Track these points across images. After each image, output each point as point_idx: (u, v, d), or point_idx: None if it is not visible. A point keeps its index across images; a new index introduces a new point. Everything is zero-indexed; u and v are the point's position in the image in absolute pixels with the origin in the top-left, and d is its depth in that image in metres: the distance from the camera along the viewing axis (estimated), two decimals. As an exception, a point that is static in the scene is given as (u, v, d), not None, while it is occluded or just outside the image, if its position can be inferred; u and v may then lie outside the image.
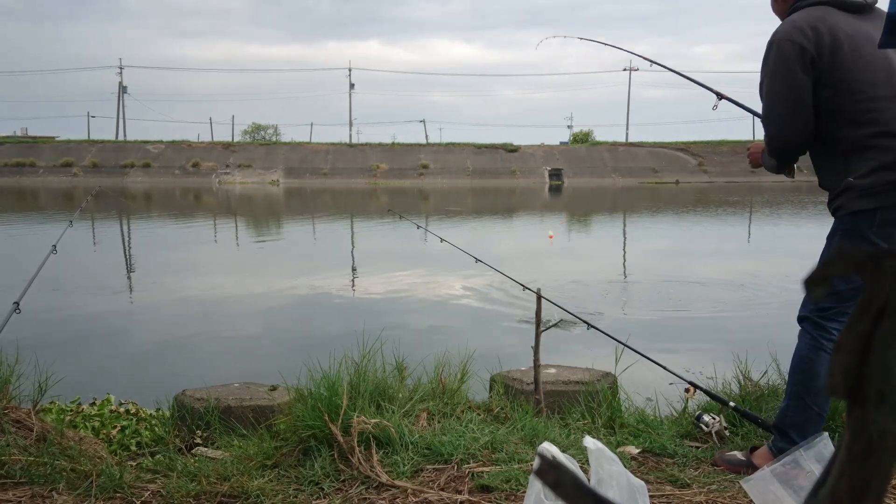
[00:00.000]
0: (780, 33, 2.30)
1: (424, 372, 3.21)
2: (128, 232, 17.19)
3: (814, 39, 2.22)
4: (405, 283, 8.93)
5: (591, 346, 5.35)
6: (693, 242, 14.90)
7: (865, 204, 2.18)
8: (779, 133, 2.33)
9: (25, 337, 4.66)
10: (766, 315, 6.85)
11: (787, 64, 2.26)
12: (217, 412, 2.98)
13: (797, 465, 1.96)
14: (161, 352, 5.85)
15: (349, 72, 73.61)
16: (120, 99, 67.77)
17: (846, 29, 2.23)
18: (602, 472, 1.62)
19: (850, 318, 0.32)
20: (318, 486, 2.30)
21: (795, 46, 2.24)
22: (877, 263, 0.31)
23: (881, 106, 2.19)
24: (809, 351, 2.34)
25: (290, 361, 4.86)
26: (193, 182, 46.73)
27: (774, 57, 2.29)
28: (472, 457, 2.47)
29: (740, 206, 25.06)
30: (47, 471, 2.30)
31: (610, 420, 2.98)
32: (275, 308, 7.65)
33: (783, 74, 2.27)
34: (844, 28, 2.23)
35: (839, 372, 0.33)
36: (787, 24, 2.31)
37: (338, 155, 53.14)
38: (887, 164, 2.15)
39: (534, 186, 45.75)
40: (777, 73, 2.28)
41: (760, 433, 2.72)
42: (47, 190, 38.98)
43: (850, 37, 2.22)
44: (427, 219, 19.57)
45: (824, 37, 2.22)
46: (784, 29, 2.30)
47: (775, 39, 2.30)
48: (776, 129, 2.33)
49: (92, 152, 51.52)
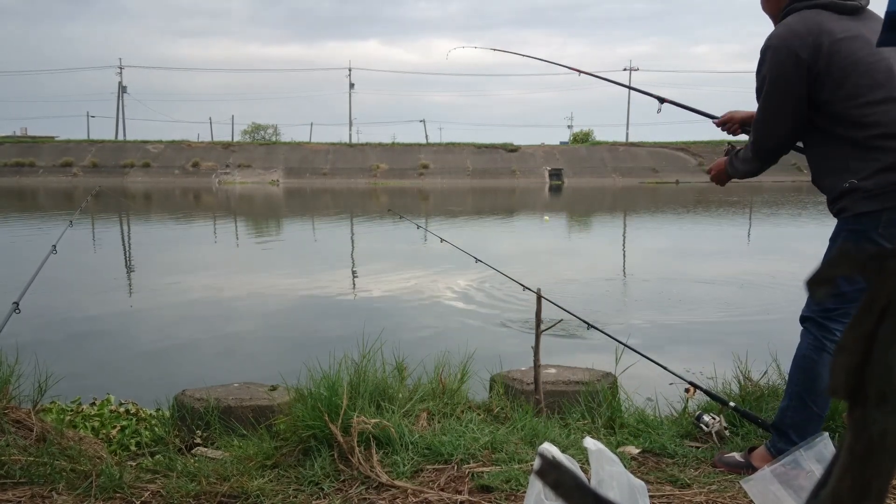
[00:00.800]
0: (775, 39, 2.29)
1: (424, 372, 3.21)
2: (128, 232, 17.20)
3: (811, 45, 2.21)
4: (405, 284, 8.93)
5: (591, 346, 5.36)
6: (693, 242, 14.91)
7: (870, 205, 2.18)
8: (768, 137, 2.38)
9: (25, 337, 4.66)
10: (767, 315, 6.85)
11: (783, 70, 2.26)
12: (217, 412, 2.98)
13: (797, 466, 1.96)
14: (161, 352, 5.85)
15: (349, 71, 73.76)
16: (119, 99, 67.86)
17: (842, 32, 2.22)
18: (602, 472, 1.62)
19: (852, 319, 0.32)
20: (318, 486, 2.30)
21: (791, 54, 2.23)
22: (879, 264, 0.31)
23: (882, 108, 2.19)
24: (812, 352, 2.34)
25: (290, 361, 4.87)
26: (193, 182, 46.73)
27: (770, 63, 2.29)
28: (472, 457, 2.47)
29: (740, 206, 25.06)
30: (47, 471, 2.30)
31: (610, 420, 2.97)
32: (275, 308, 7.65)
33: (778, 83, 2.28)
34: (840, 32, 2.22)
35: (841, 372, 0.32)
36: (783, 30, 2.29)
37: (338, 155, 53.16)
38: (890, 166, 2.15)
39: (534, 186, 45.76)
40: (772, 81, 2.29)
41: (760, 433, 2.72)
42: (47, 190, 38.98)
43: (847, 40, 2.21)
44: (427, 219, 19.58)
45: (821, 43, 2.21)
46: (780, 34, 2.29)
47: (771, 45, 2.29)
48: (766, 134, 2.37)
49: (91, 152, 51.53)
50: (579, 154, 54.61)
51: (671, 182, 47.65)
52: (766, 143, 2.40)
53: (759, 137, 2.41)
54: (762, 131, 2.39)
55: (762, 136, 2.40)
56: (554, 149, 56.82)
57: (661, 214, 22.35)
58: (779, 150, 2.42)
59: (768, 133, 2.38)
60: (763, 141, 2.41)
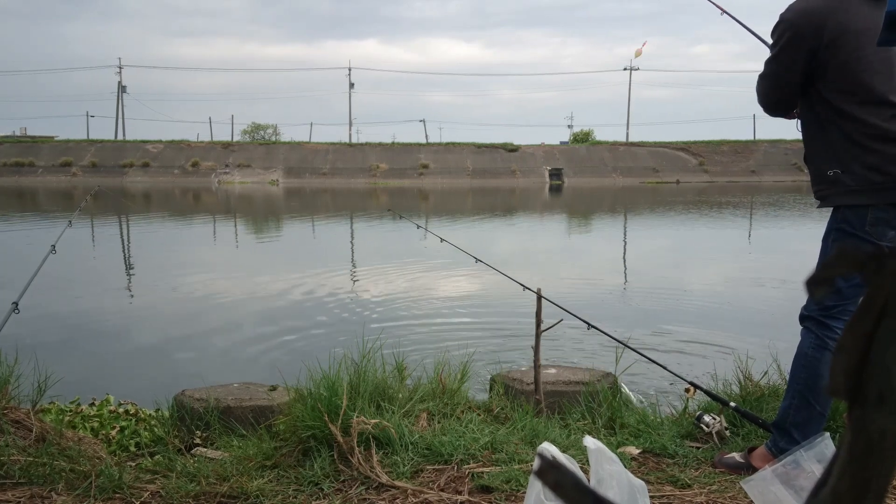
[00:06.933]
0: (790, 13, 2.32)
1: (424, 372, 3.21)
2: (127, 232, 17.19)
3: (820, 31, 2.23)
4: (405, 284, 8.93)
5: (592, 346, 5.36)
6: (693, 241, 14.91)
7: (853, 200, 2.22)
8: (765, 103, 2.47)
9: (25, 337, 4.66)
10: (767, 315, 6.85)
11: (788, 46, 2.30)
12: (217, 412, 2.97)
13: (798, 466, 1.96)
14: (161, 352, 5.85)
15: (349, 71, 73.68)
16: (119, 98, 67.78)
17: (858, 22, 2.21)
18: (602, 472, 1.62)
19: (851, 319, 0.32)
20: (317, 486, 2.30)
21: (798, 37, 2.27)
22: (878, 264, 0.31)
23: (875, 108, 2.20)
24: (814, 350, 2.34)
25: (290, 361, 4.87)
26: (193, 182, 46.72)
27: (780, 36, 2.33)
28: (472, 457, 2.47)
29: (741, 205, 25.07)
30: (46, 471, 2.29)
31: (610, 420, 2.97)
32: (275, 308, 7.65)
33: (782, 56, 2.33)
34: (856, 21, 2.21)
35: (840, 372, 0.32)
36: (800, 6, 2.31)
37: (337, 155, 53.13)
38: (874, 166, 2.18)
39: (534, 186, 45.76)
40: (777, 54, 2.34)
41: (761, 433, 2.71)
42: (46, 190, 38.98)
43: (859, 32, 2.21)
44: (427, 219, 19.58)
45: (832, 30, 2.22)
46: (796, 8, 2.31)
47: (786, 18, 2.32)
48: (762, 93, 2.47)
49: (91, 152, 51.51)
50: (579, 154, 54.59)
51: (671, 182, 47.66)
52: (760, 100, 2.49)
53: (758, 92, 2.48)
54: (760, 89, 2.47)
55: (760, 92, 2.47)
56: (554, 149, 56.78)
57: (662, 214, 22.36)
58: (771, 111, 2.50)
59: (762, 91, 2.46)
60: (760, 97, 2.49)
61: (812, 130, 2.38)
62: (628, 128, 66.84)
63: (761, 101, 2.48)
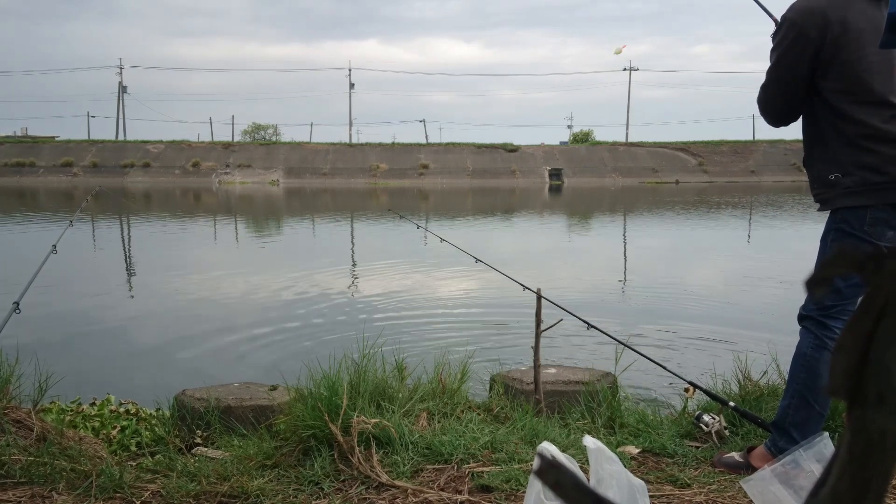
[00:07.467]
0: (793, 12, 2.29)
1: (424, 372, 3.21)
2: (128, 232, 17.19)
3: (823, 30, 2.21)
4: (405, 284, 8.93)
5: (591, 346, 5.36)
6: (693, 241, 14.90)
7: (853, 201, 2.22)
8: (770, 112, 2.42)
9: (25, 337, 4.66)
10: (766, 315, 6.84)
11: (792, 46, 2.27)
12: (217, 412, 2.98)
13: (797, 465, 1.96)
14: (161, 352, 5.85)
15: (349, 71, 73.69)
16: (120, 99, 67.79)
17: (861, 23, 2.21)
18: (602, 471, 1.62)
19: (850, 319, 0.33)
20: (318, 486, 2.30)
21: (802, 36, 2.24)
22: (878, 264, 0.31)
23: (875, 110, 2.20)
24: (814, 350, 2.34)
25: (290, 361, 4.87)
26: (193, 182, 46.71)
27: (783, 37, 2.30)
28: (472, 457, 2.47)
29: (740, 205, 25.06)
30: (47, 471, 2.30)
31: (610, 420, 2.98)
32: (275, 308, 7.65)
33: (787, 58, 2.30)
34: (860, 21, 2.21)
35: (839, 372, 0.33)
36: (802, 5, 2.29)
37: (338, 155, 53.12)
38: (872, 166, 2.18)
39: (534, 186, 45.75)
40: (781, 55, 2.31)
41: (760, 433, 2.72)
42: (47, 190, 38.97)
43: (862, 32, 2.20)
44: (427, 219, 19.58)
45: (834, 30, 2.21)
46: (799, 8, 2.29)
47: (788, 17, 2.29)
48: (769, 107, 2.41)
49: (92, 152, 51.51)
50: (579, 154, 54.58)
51: (671, 182, 47.64)
52: (765, 109, 2.43)
53: (762, 102, 2.43)
54: (763, 98, 2.41)
55: (763, 101, 2.42)
56: (554, 149, 56.77)
57: (661, 214, 22.34)
58: (776, 120, 2.43)
59: (766, 100, 2.40)
60: (764, 106, 2.43)
61: (812, 134, 2.37)
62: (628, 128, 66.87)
63: (766, 111, 2.42)
